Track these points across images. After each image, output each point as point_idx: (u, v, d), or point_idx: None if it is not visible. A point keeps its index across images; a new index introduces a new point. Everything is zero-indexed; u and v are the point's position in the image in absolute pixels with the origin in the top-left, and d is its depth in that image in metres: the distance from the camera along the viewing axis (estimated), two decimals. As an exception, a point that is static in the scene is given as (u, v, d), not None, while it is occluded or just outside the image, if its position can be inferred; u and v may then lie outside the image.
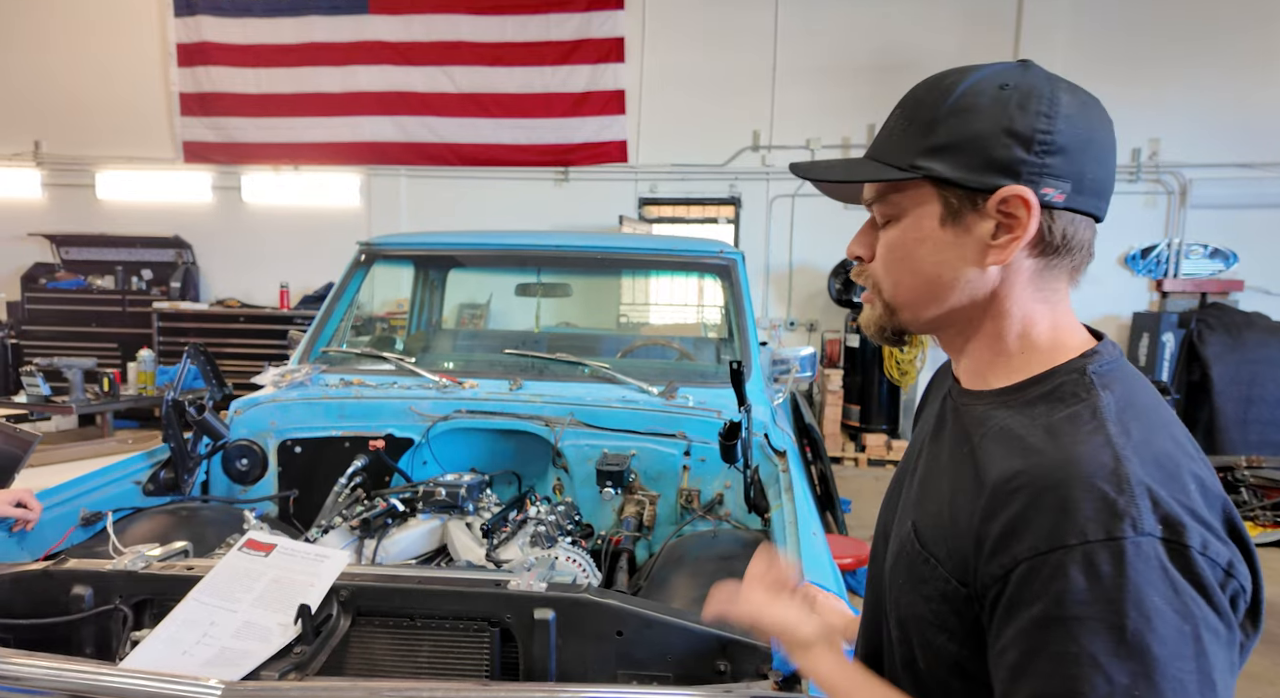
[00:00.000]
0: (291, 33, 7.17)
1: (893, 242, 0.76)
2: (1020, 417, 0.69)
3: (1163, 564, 0.56)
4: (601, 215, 7.03)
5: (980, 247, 0.71)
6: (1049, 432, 0.65)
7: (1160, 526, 0.57)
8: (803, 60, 6.85)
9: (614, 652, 1.23)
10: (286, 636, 1.21)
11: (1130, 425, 0.64)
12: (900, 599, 0.73)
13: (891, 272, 0.77)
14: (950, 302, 0.74)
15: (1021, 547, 0.60)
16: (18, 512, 1.67)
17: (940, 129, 0.71)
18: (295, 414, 2.24)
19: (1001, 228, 0.70)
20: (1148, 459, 0.61)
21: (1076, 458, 0.61)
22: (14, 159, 7.64)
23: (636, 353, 3.18)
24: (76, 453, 5.09)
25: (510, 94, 7.06)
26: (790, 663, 1.10)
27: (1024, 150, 0.68)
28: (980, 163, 0.69)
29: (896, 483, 0.87)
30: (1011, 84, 0.70)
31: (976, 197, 0.70)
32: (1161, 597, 0.56)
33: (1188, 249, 6.51)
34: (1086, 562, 0.57)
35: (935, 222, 0.73)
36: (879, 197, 0.77)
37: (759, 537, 1.82)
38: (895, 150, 0.74)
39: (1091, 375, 0.69)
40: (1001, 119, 0.69)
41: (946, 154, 0.71)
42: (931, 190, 0.72)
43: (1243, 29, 6.24)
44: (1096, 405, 0.66)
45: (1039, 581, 0.58)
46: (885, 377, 6.47)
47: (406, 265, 3.40)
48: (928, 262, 0.74)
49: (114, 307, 7.17)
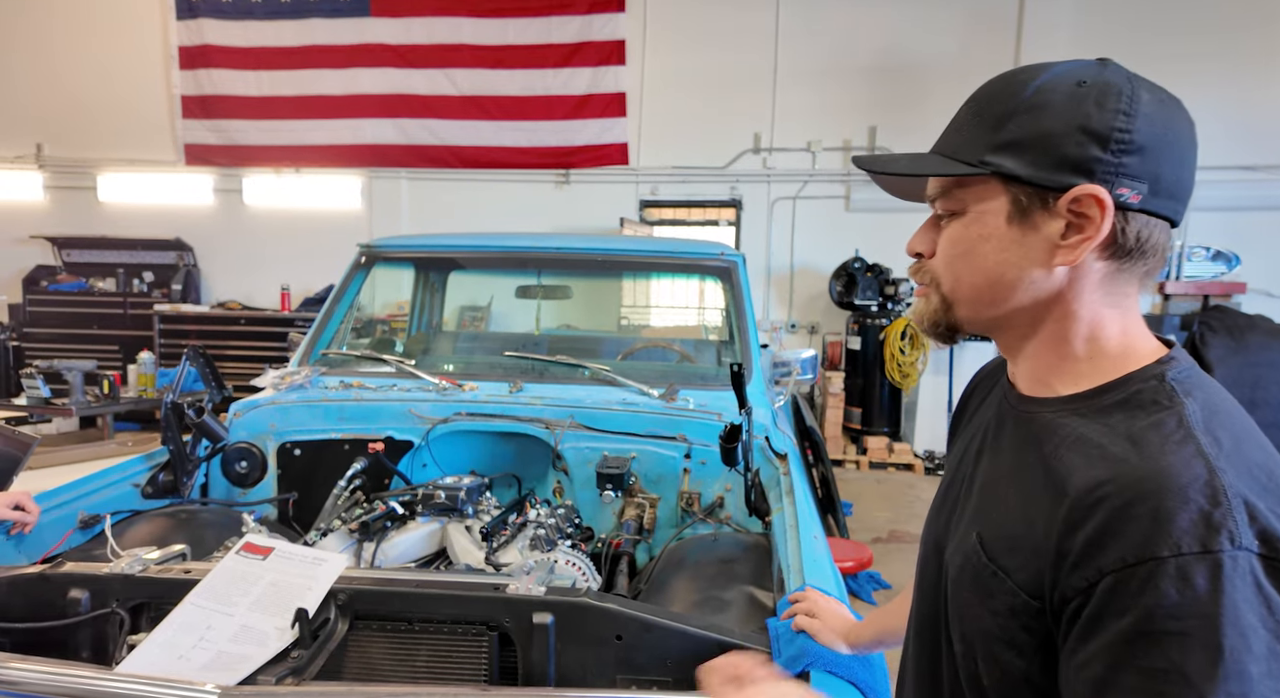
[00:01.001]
0: (293, 35, 7.18)
1: (955, 237, 0.74)
2: (1096, 425, 0.66)
3: (1258, 581, 0.54)
4: (602, 218, 7.03)
5: (1048, 246, 0.69)
6: (1132, 440, 0.62)
7: (1258, 541, 0.55)
8: (804, 62, 6.85)
9: (613, 656, 1.22)
10: (284, 640, 1.21)
11: (1219, 434, 0.61)
12: (965, 614, 0.70)
13: (952, 267, 0.75)
14: (1012, 302, 0.72)
15: (1108, 558, 0.57)
16: (16, 514, 1.66)
17: (1011, 125, 0.69)
18: (295, 417, 2.23)
19: (1072, 228, 0.68)
20: (1242, 470, 0.58)
21: (1167, 468, 0.59)
22: (16, 161, 7.66)
23: (637, 355, 3.18)
24: (76, 455, 5.09)
25: (511, 96, 7.06)
26: (792, 667, 1.09)
27: (1100, 149, 0.66)
28: (1053, 160, 0.67)
29: (946, 493, 0.83)
30: (1089, 81, 0.68)
31: (1047, 195, 0.68)
32: (1256, 615, 0.53)
33: (1190, 251, 6.50)
34: (1180, 575, 0.54)
35: (1002, 219, 0.70)
36: (943, 192, 0.74)
37: (760, 540, 1.81)
38: (963, 145, 0.72)
39: (1171, 383, 0.66)
40: (1077, 116, 0.67)
41: (1017, 150, 0.69)
42: (999, 187, 0.70)
43: (1245, 31, 6.24)
44: (1182, 414, 0.63)
45: (1128, 593, 0.56)
46: (887, 379, 6.46)
47: (407, 267, 3.39)
48: (991, 259, 0.72)
49: (115, 309, 7.17)
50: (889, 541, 4.61)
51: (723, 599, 1.47)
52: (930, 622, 0.79)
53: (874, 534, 4.69)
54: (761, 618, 1.32)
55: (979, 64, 6.45)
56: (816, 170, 6.91)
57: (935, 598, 0.78)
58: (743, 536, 1.88)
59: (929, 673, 0.79)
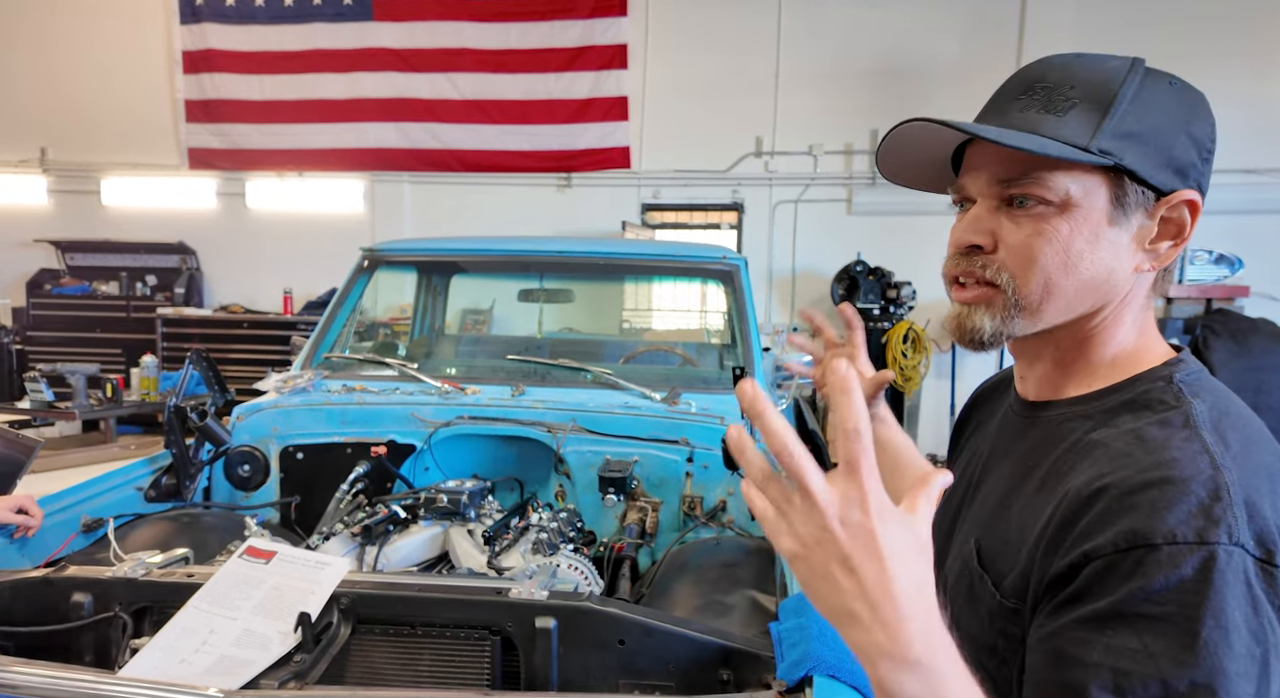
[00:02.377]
0: (296, 40, 7.20)
1: (1048, 233, 0.65)
2: (1104, 427, 0.64)
3: (1249, 580, 0.53)
4: (604, 221, 7.04)
5: (1135, 248, 0.65)
6: (1138, 437, 0.61)
7: (1254, 541, 0.54)
8: (805, 66, 6.86)
9: (616, 661, 1.22)
10: (286, 644, 1.20)
11: (1227, 435, 0.60)
12: (960, 619, 0.70)
13: (1039, 267, 0.65)
14: (1088, 306, 0.67)
15: (1100, 542, 0.56)
16: (19, 518, 1.67)
17: (1122, 115, 0.63)
18: (297, 420, 2.24)
19: (1161, 232, 0.65)
20: (1248, 471, 0.57)
21: (1171, 461, 0.58)
22: (20, 166, 7.68)
23: (639, 359, 3.18)
24: (79, 459, 5.10)
25: (513, 100, 7.08)
26: (794, 672, 1.09)
27: (1196, 155, 0.64)
28: (1162, 160, 0.63)
29: (948, 504, 0.81)
30: (1179, 86, 0.65)
31: (1149, 195, 0.64)
32: (1241, 613, 0.52)
33: (1192, 255, 6.48)
34: (1171, 562, 0.53)
35: (1104, 215, 0.64)
36: (1025, 174, 0.65)
37: (762, 544, 1.81)
38: (1063, 126, 0.63)
39: (1179, 384, 0.65)
40: (1183, 118, 0.64)
41: (1136, 143, 0.63)
42: (1101, 180, 0.64)
43: (1248, 32, 6.23)
44: (1189, 413, 0.62)
45: (1114, 577, 0.55)
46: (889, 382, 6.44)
47: (409, 271, 3.40)
48: (1087, 259, 0.64)
49: (118, 313, 7.19)
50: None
51: (725, 604, 1.47)
52: None
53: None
54: (764, 622, 1.31)
55: (981, 66, 6.46)
56: (818, 174, 6.91)
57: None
58: (745, 540, 1.88)
59: None
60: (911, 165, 0.75)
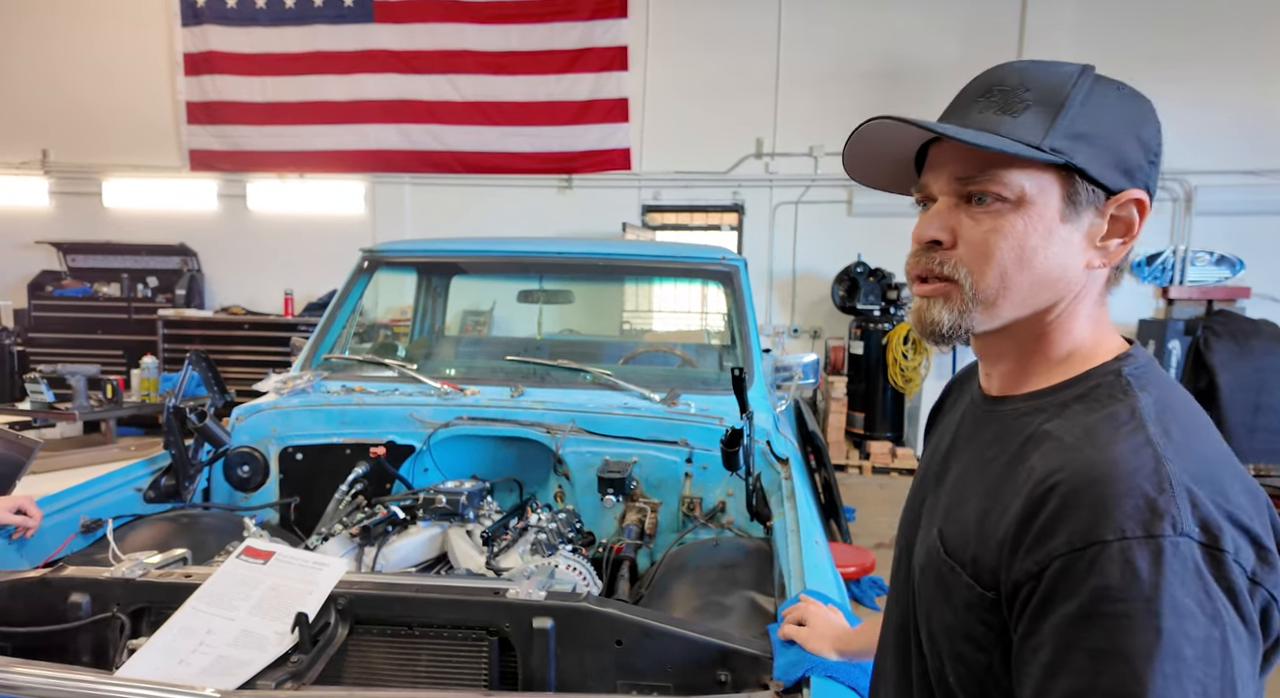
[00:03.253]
0: (297, 42, 7.22)
1: (1004, 229, 0.67)
2: (1057, 420, 0.67)
3: (1198, 567, 0.56)
4: (605, 222, 7.04)
5: (1086, 246, 0.69)
6: (1086, 431, 0.64)
7: (1198, 528, 0.57)
8: (806, 67, 6.86)
9: (613, 661, 1.22)
10: (284, 644, 1.21)
11: (1170, 427, 0.63)
12: (930, 612, 0.71)
13: (995, 262, 0.68)
14: (1042, 302, 0.70)
15: (1057, 543, 0.59)
16: (18, 519, 1.67)
17: (1073, 114, 0.67)
18: (297, 421, 2.24)
19: (1111, 230, 0.69)
20: (1189, 461, 0.60)
21: (1116, 456, 0.60)
22: (22, 167, 7.69)
23: (639, 360, 3.18)
24: (79, 460, 5.11)
25: (514, 102, 7.08)
26: (792, 673, 1.09)
27: (1144, 157, 0.68)
28: (1112, 160, 0.67)
29: (915, 496, 0.84)
30: (1125, 90, 0.69)
31: (1099, 193, 0.67)
32: (1194, 600, 0.55)
33: (1193, 256, 6.49)
34: (1124, 558, 0.56)
35: (1055, 213, 0.67)
36: (982, 172, 0.67)
37: (761, 545, 1.80)
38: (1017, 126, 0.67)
39: (1128, 377, 0.68)
40: (1131, 121, 0.68)
41: (1087, 143, 0.66)
42: (1054, 177, 0.67)
43: (1249, 33, 6.23)
44: (1135, 406, 0.64)
45: (1075, 576, 0.57)
46: (890, 384, 6.44)
47: (409, 272, 3.40)
48: (1041, 255, 0.67)
49: (119, 314, 7.20)
50: (891, 546, 4.58)
51: (724, 605, 1.47)
52: (901, 623, 0.79)
53: (876, 539, 4.67)
54: (763, 623, 1.31)
55: (981, 67, 6.28)
56: (819, 175, 6.91)
57: (905, 599, 0.78)
58: (744, 540, 1.88)
59: (902, 675, 0.79)
60: (875, 163, 0.78)
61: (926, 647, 0.73)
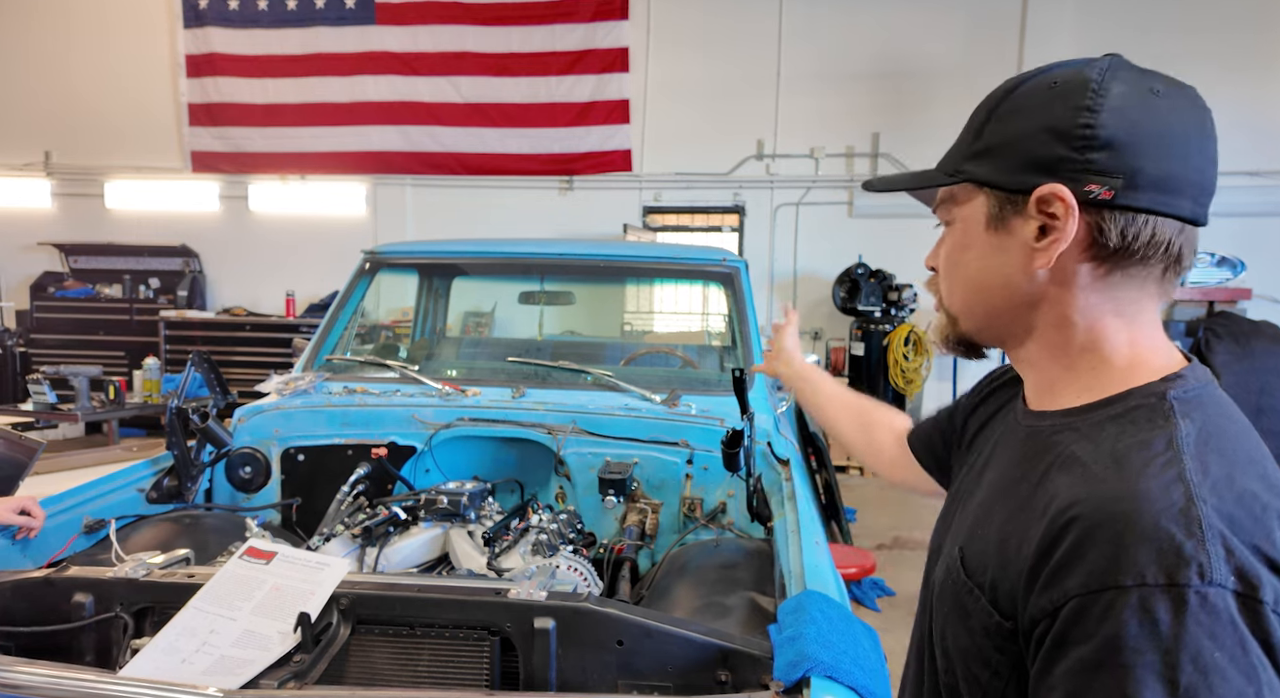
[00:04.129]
0: (298, 43, 7.23)
1: (948, 248, 0.76)
2: (1087, 442, 0.63)
3: (1233, 619, 0.52)
4: (606, 224, 7.05)
5: (1026, 251, 0.68)
6: (1115, 459, 0.60)
7: (1234, 577, 0.52)
8: (807, 68, 6.87)
9: (615, 662, 1.22)
10: (286, 644, 1.21)
11: (1210, 460, 0.58)
12: (946, 629, 0.70)
13: (948, 279, 0.76)
14: (998, 309, 0.72)
15: (1073, 582, 0.56)
16: (21, 519, 1.67)
17: (986, 132, 0.70)
18: (298, 422, 2.24)
19: (1046, 230, 0.66)
20: (1227, 500, 0.56)
21: (1143, 492, 0.56)
22: (24, 169, 7.71)
23: (640, 361, 3.18)
24: (81, 461, 5.12)
25: (515, 104, 7.10)
26: (792, 673, 1.09)
27: (1064, 147, 0.64)
28: (1019, 163, 0.67)
29: (949, 505, 0.83)
30: (1060, 80, 0.67)
31: (1018, 198, 0.67)
32: (1226, 654, 0.51)
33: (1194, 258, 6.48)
34: (1142, 607, 0.52)
35: (981, 226, 0.71)
36: (939, 204, 0.77)
37: (762, 546, 1.81)
38: (949, 157, 0.74)
39: (1172, 401, 0.63)
40: (1043, 116, 0.66)
41: (988, 157, 0.69)
42: (978, 195, 0.71)
43: (1250, 33, 6.24)
44: (1173, 435, 0.60)
45: (1090, 620, 0.54)
46: (891, 385, 6.44)
47: (411, 274, 3.41)
48: (974, 266, 0.72)
49: (121, 315, 7.21)
50: (892, 547, 4.59)
51: (725, 605, 1.47)
52: (921, 634, 0.78)
53: (877, 541, 4.67)
54: (763, 624, 1.31)
55: (982, 68, 6.46)
56: (820, 176, 6.92)
57: (925, 611, 0.77)
58: (745, 541, 1.88)
59: (922, 684, 0.78)
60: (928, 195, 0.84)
61: (940, 663, 0.71)
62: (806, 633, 1.12)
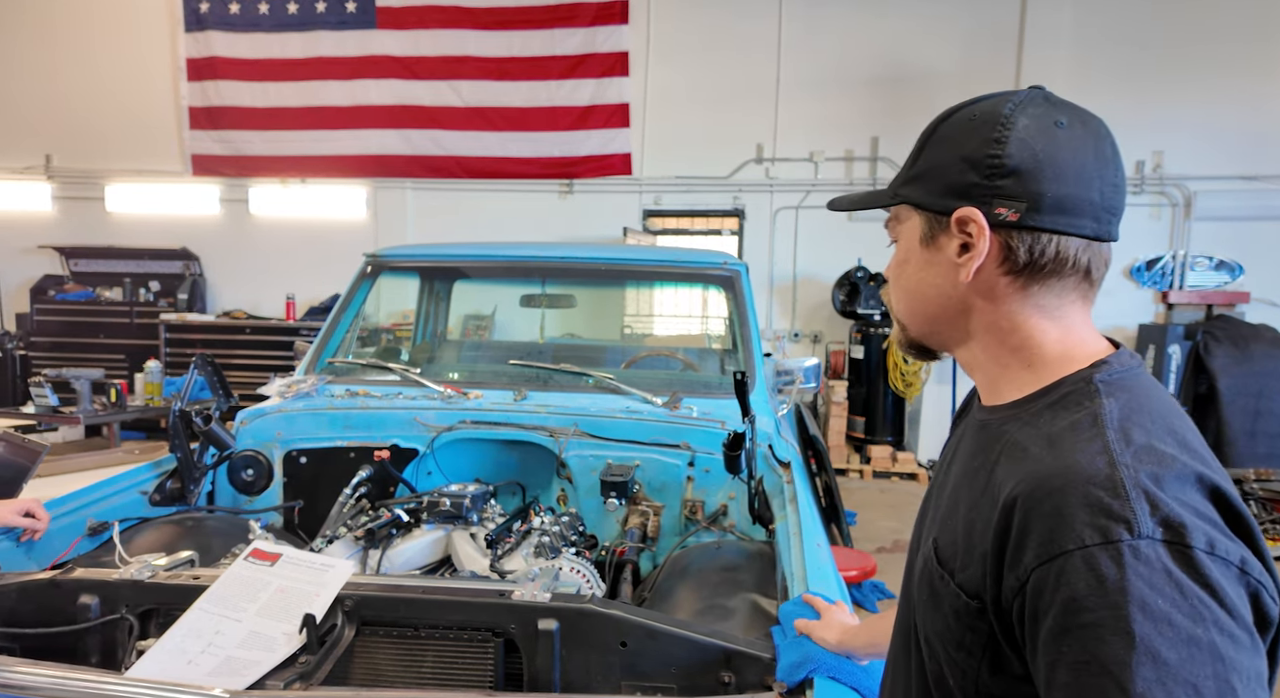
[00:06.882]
0: (299, 47, 7.25)
1: (891, 263, 0.85)
2: (1028, 429, 0.70)
3: (1166, 567, 0.56)
4: (606, 227, 7.07)
5: (951, 265, 0.76)
6: (1050, 441, 0.66)
7: (1160, 527, 0.57)
8: (806, 73, 6.89)
9: (618, 663, 1.23)
10: (291, 645, 1.22)
11: (1131, 431, 0.64)
12: (925, 617, 0.74)
13: (895, 289, 0.85)
14: (935, 316, 0.80)
15: (1029, 556, 0.61)
16: (26, 522, 1.68)
17: (920, 159, 0.79)
18: (301, 425, 2.25)
19: (966, 247, 0.74)
20: (1147, 462, 0.61)
21: (1071, 465, 0.62)
22: (25, 172, 7.72)
23: (641, 364, 3.19)
24: (84, 463, 5.12)
25: (515, 108, 7.11)
26: (795, 674, 1.10)
27: (976, 174, 0.73)
28: (942, 188, 0.76)
29: (926, 499, 0.89)
30: (979, 114, 0.75)
31: (943, 219, 0.76)
32: (1167, 600, 0.55)
33: (1193, 261, 6.50)
34: (1087, 566, 0.57)
35: (917, 243, 0.80)
36: (888, 222, 0.85)
37: (763, 548, 1.81)
38: (895, 180, 0.83)
39: (1097, 383, 0.70)
40: (961, 147, 0.75)
41: (920, 181, 0.78)
42: (915, 215, 0.79)
43: (1247, 41, 6.25)
44: (1098, 412, 0.66)
45: (1047, 590, 0.59)
46: (890, 388, 6.46)
47: (412, 277, 3.42)
48: (913, 279, 0.81)
49: (122, 318, 7.21)
50: (893, 550, 4.60)
51: (726, 607, 1.48)
52: (905, 625, 0.82)
53: (878, 544, 4.68)
54: (765, 626, 1.32)
55: (981, 73, 6.48)
56: (819, 180, 6.94)
57: (908, 602, 0.82)
58: (746, 544, 1.89)
59: (908, 675, 0.81)
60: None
61: (925, 651, 0.75)
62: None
